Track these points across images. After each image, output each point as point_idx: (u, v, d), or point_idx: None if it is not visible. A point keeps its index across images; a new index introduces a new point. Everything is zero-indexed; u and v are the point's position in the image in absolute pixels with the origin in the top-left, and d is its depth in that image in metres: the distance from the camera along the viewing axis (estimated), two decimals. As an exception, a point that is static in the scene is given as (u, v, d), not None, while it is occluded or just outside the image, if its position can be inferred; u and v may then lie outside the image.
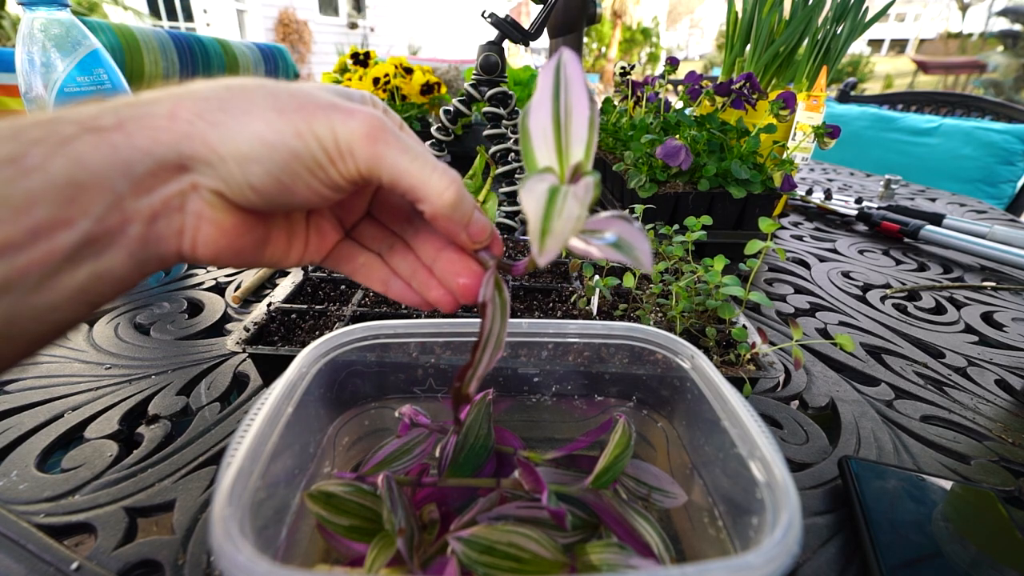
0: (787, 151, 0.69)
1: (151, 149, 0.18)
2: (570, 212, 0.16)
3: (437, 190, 0.20)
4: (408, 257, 0.25)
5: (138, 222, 0.18)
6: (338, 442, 0.29)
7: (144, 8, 6.17)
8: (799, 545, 0.17)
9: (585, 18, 0.91)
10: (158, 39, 1.21)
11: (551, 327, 0.31)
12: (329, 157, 0.19)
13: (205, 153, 0.18)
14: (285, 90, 0.20)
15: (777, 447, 0.22)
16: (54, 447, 0.34)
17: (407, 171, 0.20)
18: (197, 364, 0.43)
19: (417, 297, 0.25)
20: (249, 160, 0.19)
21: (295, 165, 0.19)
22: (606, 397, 0.33)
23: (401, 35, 9.38)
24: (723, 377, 0.27)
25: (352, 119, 0.19)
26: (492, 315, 0.21)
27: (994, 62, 6.39)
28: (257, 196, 0.19)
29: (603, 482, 0.25)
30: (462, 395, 0.20)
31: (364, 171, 0.20)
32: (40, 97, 0.45)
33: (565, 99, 0.18)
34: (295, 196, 0.20)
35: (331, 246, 0.25)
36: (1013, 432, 0.40)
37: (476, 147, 0.74)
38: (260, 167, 0.19)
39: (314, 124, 0.19)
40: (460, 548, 0.20)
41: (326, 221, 0.25)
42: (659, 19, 12.36)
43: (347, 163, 0.19)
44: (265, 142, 0.18)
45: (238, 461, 0.19)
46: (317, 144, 0.19)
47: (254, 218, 0.21)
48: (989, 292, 0.65)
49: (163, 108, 0.18)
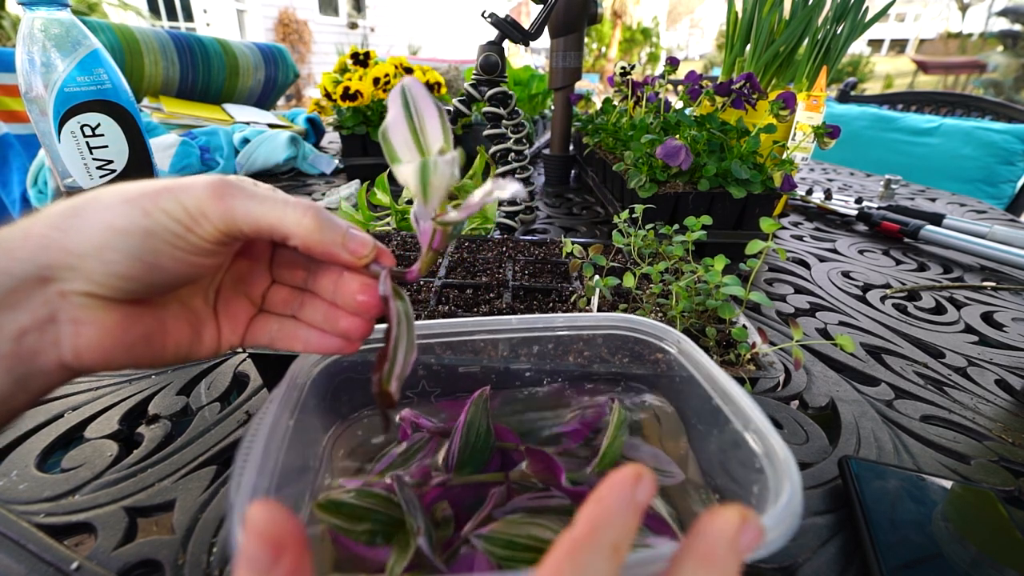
0: (787, 151, 0.69)
1: (8, 268, 0.19)
2: (443, 172, 0.21)
3: (294, 220, 0.21)
4: (315, 303, 0.25)
5: (5, 340, 0.19)
6: (334, 454, 0.29)
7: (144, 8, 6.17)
8: (803, 507, 0.18)
9: (586, 18, 0.91)
10: (158, 39, 1.21)
11: (540, 322, 0.31)
12: (184, 226, 0.20)
13: (63, 258, 0.19)
14: (133, 184, 0.20)
15: (768, 420, 0.22)
16: (54, 447, 0.34)
17: (261, 214, 0.21)
18: (197, 364, 0.43)
19: (332, 339, 0.25)
20: (105, 250, 0.19)
21: (152, 242, 0.20)
22: (596, 385, 0.34)
23: (401, 35, 9.37)
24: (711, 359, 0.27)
25: (194, 186, 0.20)
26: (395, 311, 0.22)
27: (994, 62, 6.39)
28: (127, 283, 0.20)
29: (605, 464, 0.26)
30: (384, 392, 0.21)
31: (222, 227, 0.20)
32: (40, 97, 0.45)
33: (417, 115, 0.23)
34: (166, 271, 0.20)
35: (246, 324, 0.25)
36: (1013, 432, 0.40)
37: (476, 147, 0.74)
38: (118, 254, 0.19)
39: (159, 201, 0.20)
40: (482, 545, 0.20)
41: (234, 302, 0.25)
42: (659, 19, 12.36)
43: (203, 225, 0.20)
44: (116, 229, 0.19)
45: (250, 479, 0.19)
46: (167, 217, 0.20)
47: (138, 309, 0.21)
48: (989, 292, 0.65)
49: (17, 231, 0.19)
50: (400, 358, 0.22)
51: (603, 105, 0.94)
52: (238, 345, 0.25)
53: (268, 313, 0.26)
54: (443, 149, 0.23)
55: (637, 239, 0.47)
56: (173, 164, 0.88)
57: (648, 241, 0.47)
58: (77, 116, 0.46)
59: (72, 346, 0.20)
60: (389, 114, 0.23)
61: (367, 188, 0.66)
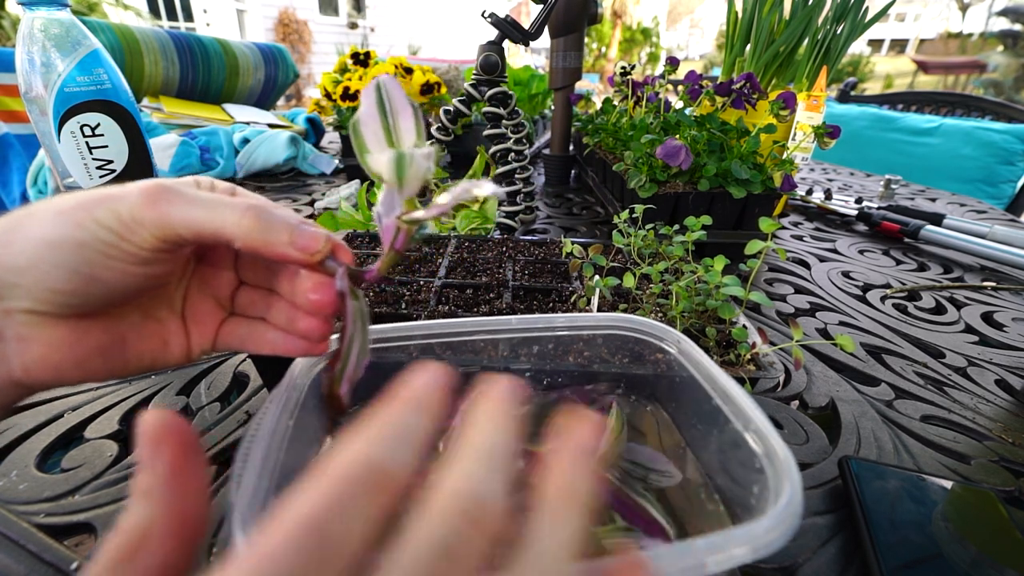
0: (787, 151, 0.69)
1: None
2: (419, 164, 0.21)
3: (233, 221, 0.21)
4: (280, 304, 0.25)
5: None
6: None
7: (144, 8, 6.17)
8: (803, 507, 0.18)
9: (586, 18, 0.91)
10: (158, 39, 1.21)
11: (540, 322, 0.31)
12: (117, 235, 0.19)
13: (3, 275, 0.19)
14: (70, 196, 0.20)
15: (768, 420, 0.22)
16: (54, 447, 0.34)
17: (199, 218, 0.20)
18: (197, 364, 0.43)
19: (297, 341, 0.25)
20: (41, 264, 0.19)
21: (86, 254, 0.19)
22: (595, 386, 0.34)
23: (401, 35, 9.37)
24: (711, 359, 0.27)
25: (129, 194, 0.20)
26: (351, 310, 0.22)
27: (994, 62, 6.39)
28: (67, 297, 0.20)
29: (604, 465, 0.26)
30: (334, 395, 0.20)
31: (159, 234, 0.20)
32: (40, 97, 0.45)
33: (391, 110, 0.23)
34: (105, 283, 0.20)
35: (216, 329, 0.25)
36: (1013, 432, 0.40)
37: (476, 147, 0.74)
38: (54, 268, 0.19)
39: (93, 212, 0.19)
40: None
41: (203, 307, 0.25)
42: (659, 19, 12.35)
43: (138, 233, 0.20)
44: (49, 242, 0.19)
45: (250, 480, 0.19)
46: (99, 227, 0.19)
47: (87, 322, 0.21)
48: (989, 292, 0.65)
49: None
50: (352, 359, 0.21)
51: (603, 105, 0.94)
52: (211, 350, 0.25)
53: (239, 316, 0.26)
54: (417, 143, 0.23)
55: (637, 239, 0.47)
56: (173, 164, 0.88)
57: (648, 241, 0.47)
58: (77, 116, 0.47)
59: (20, 363, 0.20)
60: (361, 107, 0.23)
61: (367, 188, 0.66)
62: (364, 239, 0.57)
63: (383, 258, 0.24)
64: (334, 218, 0.61)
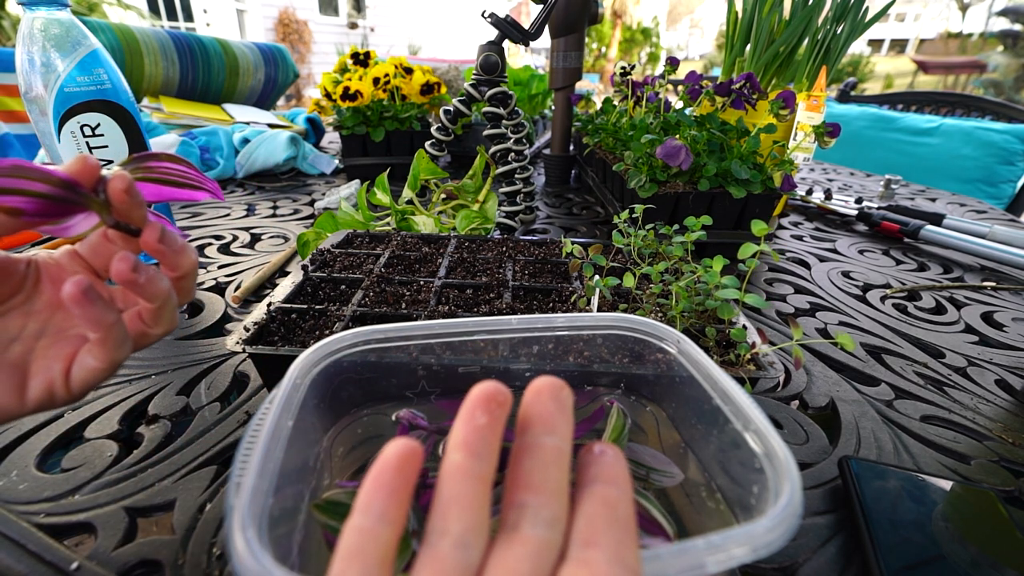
0: (787, 151, 0.69)
1: None
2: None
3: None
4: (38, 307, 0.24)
5: None
6: (334, 452, 0.29)
7: (144, 8, 6.17)
8: (803, 507, 0.18)
9: (586, 18, 0.91)
10: (158, 39, 1.21)
11: (540, 322, 0.31)
12: None
13: None
14: None
15: (768, 420, 0.22)
16: (54, 447, 0.34)
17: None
18: (197, 364, 0.43)
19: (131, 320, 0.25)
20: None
21: None
22: (596, 386, 0.34)
23: (401, 35, 9.37)
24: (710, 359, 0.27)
25: None
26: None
27: (994, 62, 6.38)
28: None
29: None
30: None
31: None
32: (40, 97, 0.45)
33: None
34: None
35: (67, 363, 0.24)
36: (1013, 432, 0.40)
37: (476, 147, 0.74)
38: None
39: None
40: None
41: (44, 346, 0.24)
42: (659, 19, 12.35)
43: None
44: None
45: (250, 480, 0.19)
46: None
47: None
48: (989, 292, 0.65)
49: None
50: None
51: (603, 105, 0.94)
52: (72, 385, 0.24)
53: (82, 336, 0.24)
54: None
55: (637, 239, 0.47)
56: (173, 164, 0.88)
57: (648, 241, 0.47)
58: (77, 116, 0.47)
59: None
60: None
61: (367, 188, 0.66)
62: (364, 239, 0.57)
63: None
64: (334, 218, 0.61)
